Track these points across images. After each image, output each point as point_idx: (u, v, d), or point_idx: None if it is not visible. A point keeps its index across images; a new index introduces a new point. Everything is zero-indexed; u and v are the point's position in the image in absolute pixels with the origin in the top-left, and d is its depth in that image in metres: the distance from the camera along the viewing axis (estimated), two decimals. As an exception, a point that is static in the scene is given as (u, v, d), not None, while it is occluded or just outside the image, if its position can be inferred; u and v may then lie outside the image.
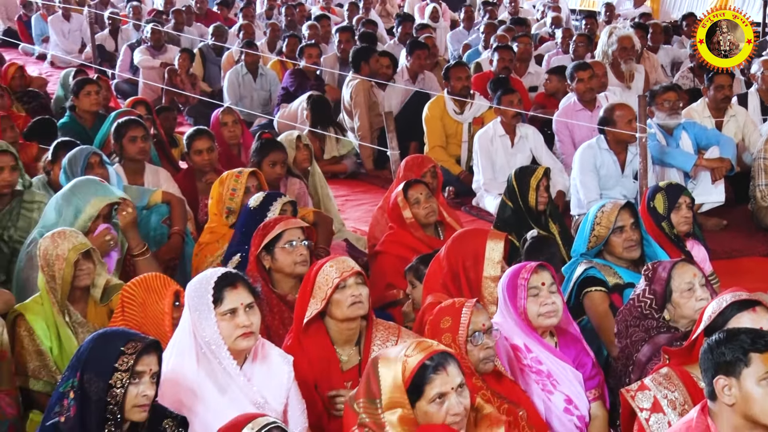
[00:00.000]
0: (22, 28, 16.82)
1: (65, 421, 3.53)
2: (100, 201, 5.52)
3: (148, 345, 3.59)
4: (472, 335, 4.06)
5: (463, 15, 15.48)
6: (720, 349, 3.22)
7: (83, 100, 8.52)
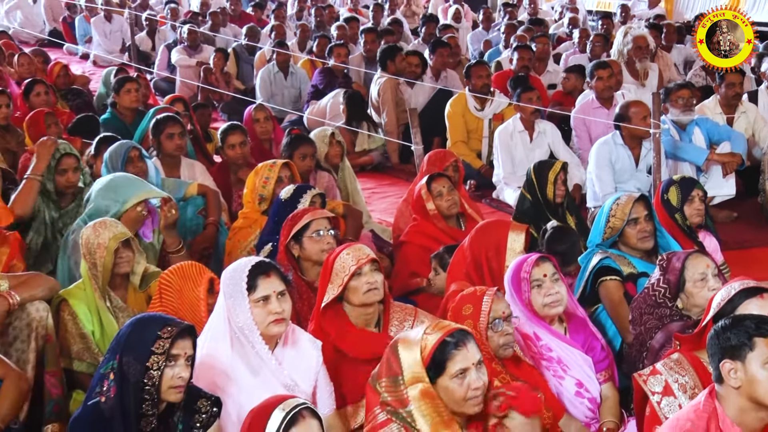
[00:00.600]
0: (67, 29, 16.90)
1: (106, 401, 3.56)
2: (140, 196, 5.55)
3: (184, 330, 3.61)
4: (492, 322, 4.07)
5: (482, 16, 15.43)
6: (726, 335, 3.22)
7: (124, 97, 8.55)
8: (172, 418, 3.66)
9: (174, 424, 3.66)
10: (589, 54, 11.32)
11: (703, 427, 3.23)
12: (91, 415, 3.57)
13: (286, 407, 3.20)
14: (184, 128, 7.27)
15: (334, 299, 4.40)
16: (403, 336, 3.61)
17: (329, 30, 13.93)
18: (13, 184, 6.58)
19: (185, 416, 3.68)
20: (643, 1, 17.07)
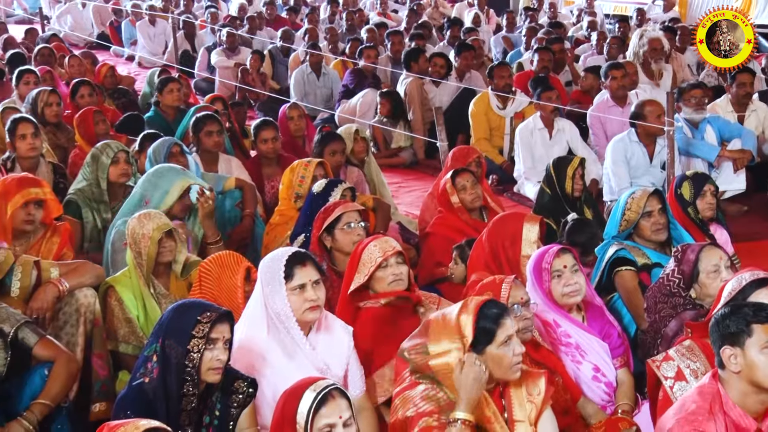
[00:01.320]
0: (114, 33, 16.98)
1: (149, 382, 3.57)
2: (184, 182, 5.59)
3: (222, 315, 3.62)
4: (511, 308, 4.05)
5: (506, 20, 15.39)
6: (725, 322, 3.23)
7: (166, 96, 8.60)
8: (211, 398, 3.68)
9: (213, 404, 3.68)
10: (606, 55, 11.30)
11: (707, 408, 3.23)
12: (136, 394, 3.59)
13: (317, 388, 3.21)
14: (222, 126, 7.31)
15: (359, 287, 4.41)
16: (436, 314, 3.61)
17: (359, 33, 13.93)
18: (63, 179, 6.63)
19: (223, 396, 3.70)
20: (658, 5, 16.97)
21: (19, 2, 20.19)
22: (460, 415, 3.38)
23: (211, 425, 3.67)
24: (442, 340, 3.49)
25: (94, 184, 6.08)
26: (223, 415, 3.69)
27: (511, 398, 3.58)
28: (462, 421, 3.36)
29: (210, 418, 3.68)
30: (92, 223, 6.00)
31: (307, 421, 3.16)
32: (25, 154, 6.45)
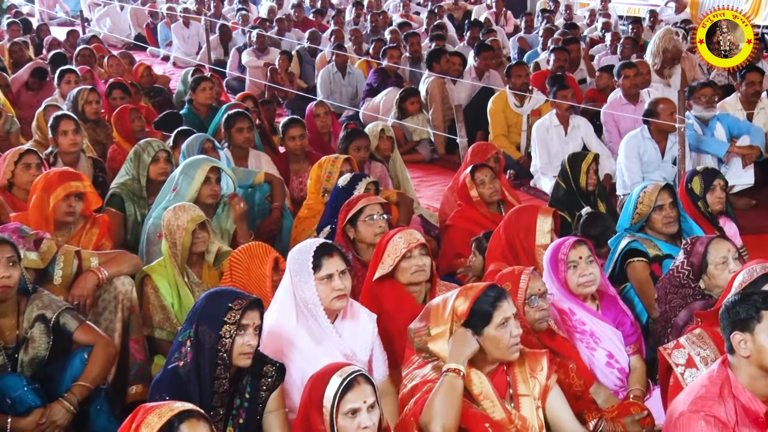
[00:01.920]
0: (150, 34, 17.04)
1: (183, 365, 3.59)
2: (207, 165, 5.61)
3: (252, 302, 3.63)
4: (529, 298, 4.07)
5: (524, 22, 15.35)
6: (735, 309, 3.21)
7: (199, 94, 8.63)
8: (242, 381, 3.69)
9: (243, 387, 3.69)
10: (619, 55, 11.26)
11: (717, 393, 3.22)
12: (171, 377, 3.60)
13: (343, 374, 3.21)
14: (252, 122, 7.33)
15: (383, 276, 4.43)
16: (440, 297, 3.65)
17: (383, 34, 13.92)
18: (102, 173, 6.66)
19: (253, 380, 3.71)
20: (670, 7, 16.91)
21: (61, 5, 20.28)
22: (449, 365, 3.43)
23: (242, 407, 3.68)
24: (440, 323, 3.52)
25: (135, 179, 6.11)
26: (253, 398, 3.70)
27: (515, 375, 3.59)
28: (451, 371, 3.41)
29: (241, 401, 3.69)
30: (133, 215, 6.03)
31: (333, 405, 3.16)
32: (66, 149, 6.49)
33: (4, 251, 4.02)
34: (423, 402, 3.38)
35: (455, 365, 3.42)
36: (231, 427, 3.66)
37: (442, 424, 3.32)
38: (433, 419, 3.32)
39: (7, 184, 5.72)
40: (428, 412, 3.35)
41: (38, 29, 14.55)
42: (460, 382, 3.40)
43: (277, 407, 3.74)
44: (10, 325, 4.11)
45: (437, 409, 3.34)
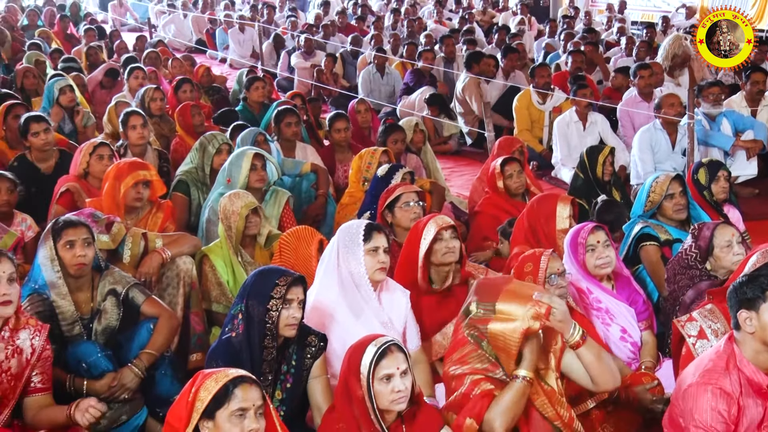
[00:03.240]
0: (209, 39, 17.11)
1: (236, 336, 3.61)
2: (251, 153, 5.63)
3: (296, 279, 3.65)
4: (549, 277, 4.04)
5: (548, 28, 15.23)
6: (743, 289, 3.17)
7: (253, 93, 8.66)
8: (288, 350, 3.71)
9: (290, 355, 3.71)
10: (634, 57, 11.16)
11: (723, 366, 3.18)
12: (225, 347, 3.63)
13: (378, 343, 3.21)
14: (300, 118, 7.35)
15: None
16: (512, 283, 3.48)
17: (418, 38, 13.88)
18: (166, 163, 6.71)
19: (299, 349, 3.73)
20: (681, 13, 16.71)
21: (131, 13, 20.41)
22: (522, 373, 3.33)
23: (289, 373, 3.71)
24: (512, 304, 3.34)
25: (199, 167, 6.15)
26: (299, 365, 3.72)
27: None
28: (524, 378, 3.33)
29: (287, 367, 3.71)
30: (197, 200, 6.06)
31: (369, 372, 3.15)
32: (135, 142, 6.54)
33: (80, 233, 4.06)
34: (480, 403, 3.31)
35: (527, 374, 3.34)
36: (279, 391, 3.68)
37: (505, 423, 3.27)
38: (498, 418, 3.26)
39: (83, 173, 5.77)
40: (495, 411, 3.28)
41: (111, 35, 14.65)
42: (529, 387, 3.34)
43: (320, 373, 3.75)
44: (85, 299, 4.14)
45: (505, 410, 3.28)
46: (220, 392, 2.88)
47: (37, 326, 3.64)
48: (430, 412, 3.32)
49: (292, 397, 3.70)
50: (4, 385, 3.52)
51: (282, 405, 3.66)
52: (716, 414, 3.11)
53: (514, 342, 3.30)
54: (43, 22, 15.99)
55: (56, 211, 5.42)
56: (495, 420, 3.26)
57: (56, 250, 4.03)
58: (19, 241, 4.95)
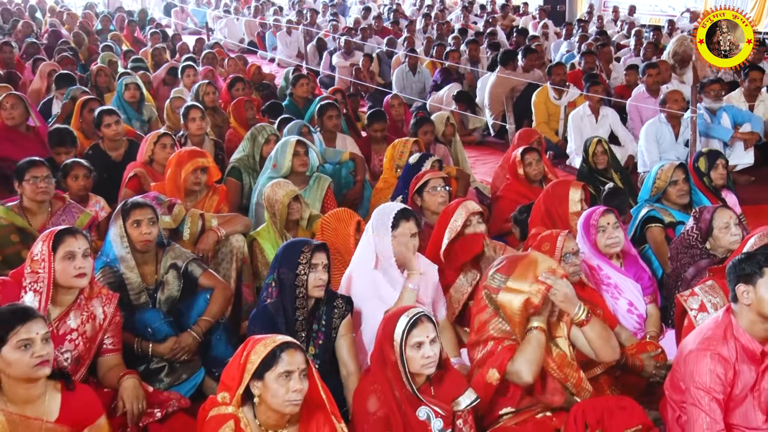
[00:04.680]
0: (260, 40, 17.13)
1: (271, 302, 3.68)
2: (294, 141, 5.62)
3: (319, 245, 3.72)
4: (564, 256, 4.02)
5: (565, 31, 15.06)
6: (741, 265, 3.16)
7: (298, 89, 8.67)
8: (318, 312, 3.74)
9: (320, 315, 3.74)
10: (642, 57, 11.01)
11: (721, 335, 3.18)
12: (262, 312, 3.69)
13: (410, 314, 3.21)
14: (340, 111, 7.34)
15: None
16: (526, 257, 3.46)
17: (446, 40, 13.78)
18: (221, 152, 6.73)
19: (327, 310, 3.76)
20: (685, 17, 16.45)
21: (191, 18, 20.50)
22: (534, 324, 3.34)
23: (320, 331, 3.74)
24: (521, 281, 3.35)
25: (250, 155, 6.16)
26: (328, 324, 3.75)
27: (552, 323, 3.49)
28: (536, 328, 3.33)
29: (318, 326, 3.74)
30: (248, 184, 6.07)
31: (402, 339, 3.15)
32: (194, 132, 6.57)
33: (146, 213, 4.10)
34: (506, 356, 3.32)
35: (541, 324, 3.33)
36: (312, 347, 3.72)
37: (530, 370, 3.27)
38: (523, 368, 3.27)
39: (148, 160, 5.81)
40: (520, 362, 3.29)
41: (173, 37, 14.74)
42: (543, 336, 3.33)
43: (346, 332, 3.78)
44: (150, 271, 4.18)
45: (528, 359, 3.28)
46: (269, 356, 2.89)
47: (108, 295, 3.69)
48: (455, 375, 3.32)
49: (323, 352, 3.74)
50: (81, 347, 3.57)
51: (316, 359, 3.69)
52: (714, 377, 3.11)
53: (517, 311, 3.33)
54: (115, 27, 16.10)
55: (125, 193, 5.46)
56: (521, 370, 3.28)
57: (125, 228, 4.07)
58: (93, 221, 5.00)
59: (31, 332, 2.85)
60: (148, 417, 3.53)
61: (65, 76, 8.51)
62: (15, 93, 6.77)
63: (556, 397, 3.41)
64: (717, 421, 3.11)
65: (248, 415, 2.95)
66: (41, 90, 9.11)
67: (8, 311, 2.93)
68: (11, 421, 2.86)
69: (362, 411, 3.19)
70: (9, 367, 2.85)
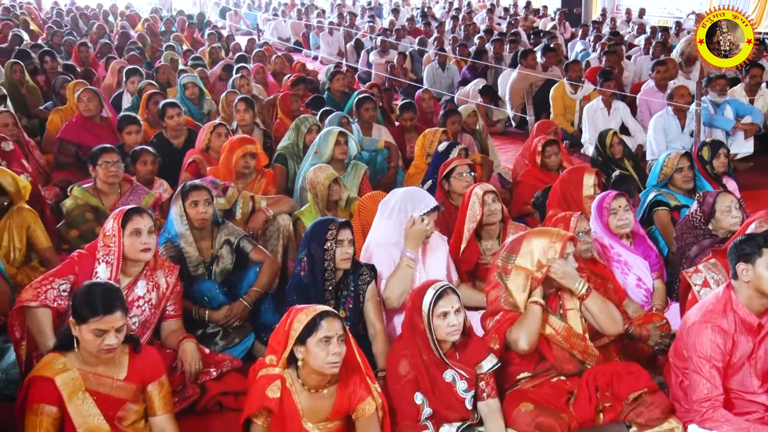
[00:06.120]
0: (304, 40, 17.11)
1: (304, 274, 3.71)
2: (336, 131, 5.60)
3: (343, 223, 3.73)
4: (577, 235, 3.97)
5: (581, 31, 14.81)
6: (742, 246, 3.13)
7: (335, 83, 8.64)
8: (346, 280, 3.76)
9: (348, 283, 3.77)
10: (651, 56, 10.81)
11: (721, 309, 3.15)
12: (296, 283, 3.74)
13: (436, 287, 3.19)
14: (376, 104, 7.29)
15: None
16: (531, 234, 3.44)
17: (472, 40, 13.64)
18: (269, 140, 6.75)
19: (354, 278, 3.78)
20: (691, 18, 16.11)
21: (244, 21, 20.54)
22: (533, 299, 3.31)
23: (349, 296, 3.77)
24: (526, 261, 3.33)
25: (294, 144, 6.16)
26: (356, 289, 3.78)
27: (564, 294, 3.46)
28: (535, 303, 3.30)
29: (347, 292, 3.77)
30: (293, 170, 6.07)
31: (429, 309, 3.14)
32: (240, 122, 6.60)
33: (203, 194, 4.12)
34: (505, 324, 3.30)
35: (539, 299, 3.30)
36: (342, 311, 3.74)
37: (527, 339, 3.24)
38: (521, 336, 3.25)
39: (205, 148, 5.84)
40: (517, 331, 3.26)
41: (227, 38, 14.76)
42: (540, 309, 3.30)
43: (372, 296, 3.79)
44: (207, 246, 4.21)
45: (524, 328, 3.26)
46: (310, 323, 2.90)
47: (170, 267, 3.73)
48: (478, 341, 3.30)
49: (353, 314, 3.76)
50: (147, 312, 3.61)
51: (346, 321, 3.69)
52: (715, 346, 3.09)
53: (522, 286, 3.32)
54: (176, 29, 16.19)
55: (184, 177, 5.50)
56: (519, 338, 3.24)
57: (184, 208, 4.10)
58: (157, 201, 5.05)
59: (108, 324, 2.86)
60: (205, 375, 3.57)
61: (134, 69, 8.61)
62: (91, 87, 6.84)
63: (567, 365, 3.38)
64: (716, 387, 3.10)
65: (293, 375, 2.97)
66: (112, 85, 9.20)
67: (99, 295, 2.89)
68: (86, 378, 2.91)
69: (394, 373, 3.19)
70: (83, 342, 2.90)
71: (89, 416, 2.88)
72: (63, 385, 2.85)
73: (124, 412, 2.99)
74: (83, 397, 2.88)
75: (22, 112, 7.93)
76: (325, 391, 2.99)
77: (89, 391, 2.90)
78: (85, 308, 2.87)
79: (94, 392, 2.91)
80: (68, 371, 2.87)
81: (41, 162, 6.31)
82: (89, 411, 2.88)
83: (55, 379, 2.84)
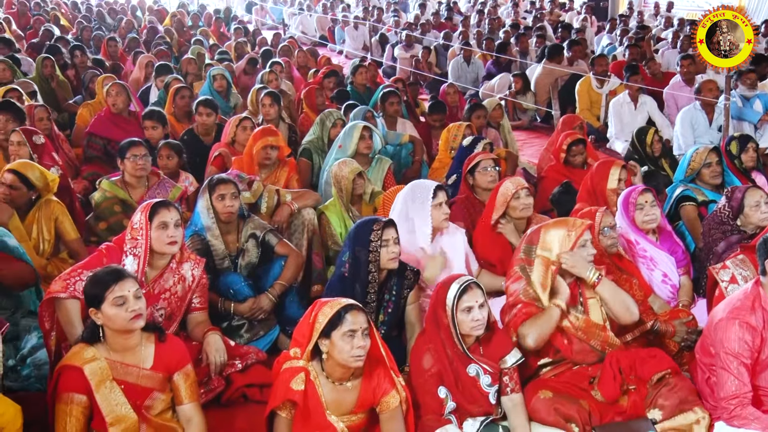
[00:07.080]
0: (330, 35, 17.11)
1: (348, 274, 3.65)
2: (360, 125, 5.61)
3: (388, 222, 3.69)
4: (602, 230, 3.95)
5: (609, 25, 14.64)
6: None
7: (357, 77, 8.68)
8: (390, 282, 3.72)
9: (391, 286, 3.73)
10: (678, 49, 10.65)
11: (749, 305, 3.10)
12: (339, 281, 3.68)
13: (460, 282, 3.18)
14: (401, 98, 7.28)
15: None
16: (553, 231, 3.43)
17: (497, 34, 13.55)
18: (294, 134, 6.76)
19: (398, 281, 3.73)
20: (720, 12, 15.79)
21: (269, 15, 20.59)
22: (556, 302, 3.29)
23: (390, 300, 3.73)
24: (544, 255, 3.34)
25: (319, 138, 6.17)
26: (398, 294, 3.73)
27: (584, 285, 3.43)
28: (557, 305, 3.28)
29: (389, 296, 3.72)
30: (318, 164, 6.08)
31: (453, 304, 3.14)
32: (266, 116, 6.63)
33: (229, 188, 4.15)
34: (520, 317, 3.29)
35: (561, 303, 3.28)
36: (382, 315, 3.70)
37: (535, 338, 3.24)
38: (530, 333, 3.24)
39: (231, 141, 5.88)
40: (529, 327, 3.26)
41: (253, 32, 14.81)
42: (559, 313, 3.28)
43: (414, 301, 3.76)
44: (233, 240, 4.23)
45: (536, 327, 3.25)
46: (335, 316, 2.90)
47: (196, 260, 3.75)
48: (502, 336, 3.29)
49: (392, 319, 3.73)
50: (173, 305, 3.64)
51: (383, 326, 3.69)
52: (743, 343, 3.05)
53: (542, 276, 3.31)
54: (203, 23, 16.28)
55: (211, 171, 5.54)
56: (528, 334, 3.24)
57: (211, 201, 4.13)
58: (183, 194, 5.08)
59: (124, 290, 2.91)
60: (230, 368, 3.59)
61: (164, 66, 8.66)
62: (119, 82, 6.91)
63: (587, 357, 3.36)
64: (744, 384, 3.05)
65: (317, 368, 2.98)
66: (140, 79, 9.28)
67: (103, 273, 2.99)
68: (113, 367, 2.95)
69: (418, 367, 3.19)
70: (110, 321, 2.93)
71: (117, 405, 2.91)
72: (91, 375, 2.88)
73: (151, 401, 3.02)
74: (111, 386, 2.91)
75: (52, 106, 8.01)
76: (349, 384, 2.99)
77: (116, 381, 2.94)
78: (96, 287, 2.92)
79: (122, 381, 2.95)
80: (96, 360, 2.91)
81: (71, 155, 6.39)
82: (117, 400, 2.92)
83: (83, 368, 2.89)
